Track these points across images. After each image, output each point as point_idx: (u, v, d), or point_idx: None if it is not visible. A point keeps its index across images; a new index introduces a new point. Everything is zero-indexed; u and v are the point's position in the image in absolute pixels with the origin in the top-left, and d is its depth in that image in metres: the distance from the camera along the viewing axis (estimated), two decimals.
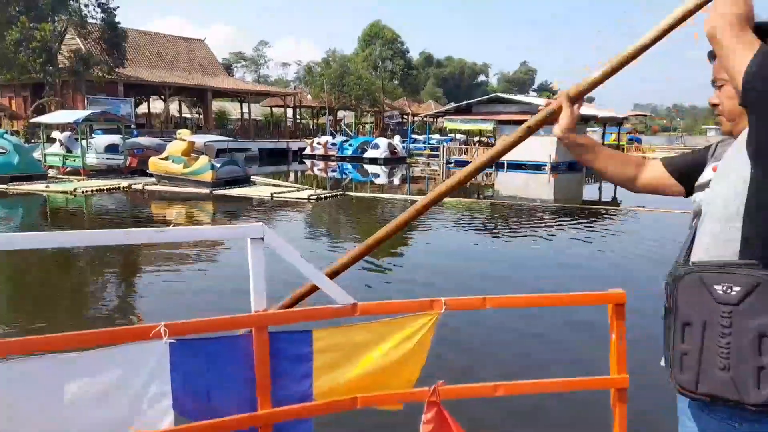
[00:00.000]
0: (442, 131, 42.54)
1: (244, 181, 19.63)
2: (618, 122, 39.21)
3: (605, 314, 1.99)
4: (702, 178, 1.57)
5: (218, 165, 18.92)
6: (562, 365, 4.70)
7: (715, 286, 1.30)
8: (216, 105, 52.15)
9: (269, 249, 1.70)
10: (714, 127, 78.63)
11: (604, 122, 38.14)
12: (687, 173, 1.64)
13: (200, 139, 20.69)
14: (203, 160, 18.74)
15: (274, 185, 19.94)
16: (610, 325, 2.00)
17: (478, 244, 11.38)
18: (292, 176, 28.28)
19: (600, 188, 24.28)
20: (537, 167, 29.67)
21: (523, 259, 9.88)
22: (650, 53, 1.55)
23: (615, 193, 19.92)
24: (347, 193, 18.85)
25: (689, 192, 1.63)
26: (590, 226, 13.10)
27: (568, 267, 8.72)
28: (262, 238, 1.68)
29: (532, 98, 37.64)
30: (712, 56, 1.49)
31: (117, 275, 8.50)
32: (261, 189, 18.68)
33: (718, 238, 1.36)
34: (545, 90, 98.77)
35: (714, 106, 1.54)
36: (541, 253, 10.46)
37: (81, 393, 1.52)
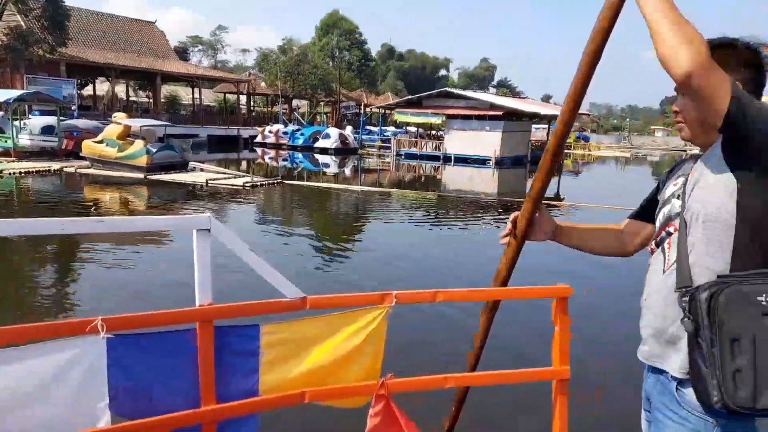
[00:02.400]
0: (398, 123, 42.59)
1: (182, 166, 19.16)
2: None
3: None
4: (664, 196, 1.62)
5: (154, 150, 18.37)
6: (511, 357, 4.76)
7: (758, 298, 1.27)
8: (167, 89, 50.32)
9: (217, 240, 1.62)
10: (661, 128, 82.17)
11: (549, 120, 39.09)
12: (654, 210, 1.68)
13: (136, 123, 19.91)
14: (138, 144, 18.15)
15: (213, 171, 19.51)
16: (553, 318, 2.02)
17: (425, 237, 11.44)
18: (244, 164, 27.67)
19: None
20: (482, 162, 30.15)
21: (472, 252, 10.01)
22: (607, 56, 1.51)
23: (558, 188, 20.48)
24: (284, 181, 18.62)
25: None
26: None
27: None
28: (209, 230, 1.59)
29: (481, 94, 38.12)
30: None
31: (50, 265, 8.00)
32: (197, 175, 18.25)
33: (712, 245, 1.39)
34: (504, 86, 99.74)
35: (676, 113, 1.55)
36: (488, 246, 10.63)
37: (11, 391, 1.40)
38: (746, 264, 1.36)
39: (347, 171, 26.55)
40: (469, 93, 36.82)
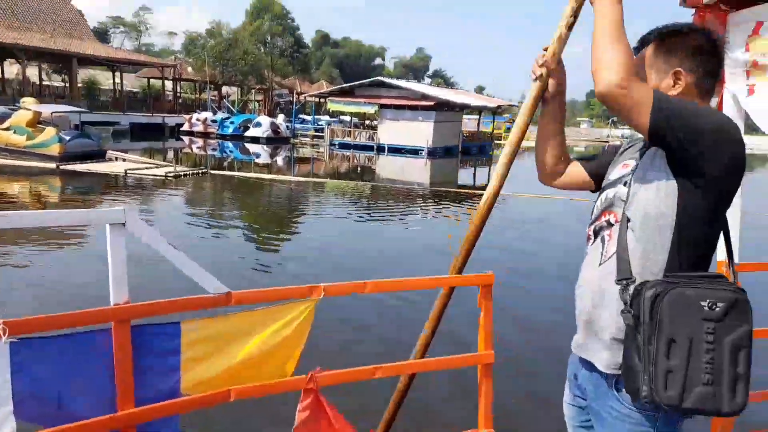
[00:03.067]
0: (332, 113, 42.03)
1: (99, 156, 18.15)
2: (492, 111, 41.08)
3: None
4: (611, 176, 1.63)
5: (67, 138, 17.30)
6: (440, 344, 4.85)
7: (701, 303, 1.30)
8: (85, 73, 47.23)
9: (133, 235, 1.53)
10: (587, 119, 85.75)
11: (480, 110, 39.92)
12: (601, 173, 1.70)
13: (47, 109, 18.64)
14: (49, 132, 17.03)
15: (133, 161, 18.63)
16: (478, 304, 2.07)
17: (359, 227, 11.45)
18: (171, 154, 26.54)
19: (474, 174, 25.51)
20: (414, 152, 30.46)
21: (404, 241, 10.11)
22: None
23: (488, 178, 20.99)
24: (210, 171, 18.07)
25: (598, 188, 1.71)
26: (462, 207, 13.75)
27: (442, 249, 9.08)
28: (124, 224, 1.50)
29: (413, 84, 38.41)
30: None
31: None
32: (115, 165, 17.39)
33: (651, 242, 1.42)
34: (439, 76, 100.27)
35: None
36: (420, 235, 10.79)
37: None
38: (683, 262, 1.40)
39: (279, 161, 26.06)
40: (402, 83, 37.00)
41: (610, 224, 1.53)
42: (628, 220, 1.45)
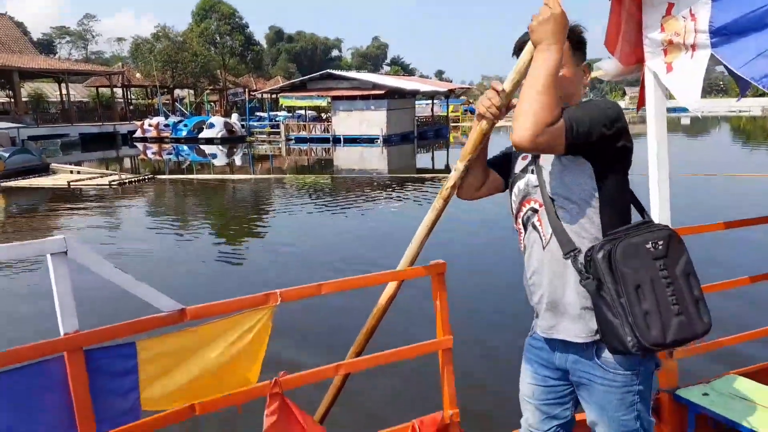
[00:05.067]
0: (290, 108, 41.10)
1: (42, 170, 17.69)
2: (445, 95, 41.18)
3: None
4: (516, 169, 1.70)
5: (6, 154, 16.84)
6: (399, 336, 4.81)
7: (646, 246, 1.41)
8: (31, 86, 45.08)
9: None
10: None
11: (432, 96, 40.00)
12: (507, 169, 1.76)
13: None
14: None
15: (75, 172, 18.11)
16: (433, 293, 2.09)
17: (323, 221, 11.36)
18: (127, 162, 25.70)
19: (432, 158, 25.60)
20: (370, 140, 30.39)
21: (366, 231, 10.08)
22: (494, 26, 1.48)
23: (447, 161, 21.13)
24: (156, 176, 17.65)
25: (506, 184, 1.76)
26: (425, 192, 13.83)
27: (400, 239, 9.11)
28: (66, 252, 1.45)
29: (363, 74, 38.19)
30: (517, 52, 1.57)
31: None
32: (57, 178, 16.92)
33: (582, 215, 1.51)
34: (396, 64, 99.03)
35: None
36: (377, 225, 10.80)
37: None
38: (612, 223, 1.50)
39: (237, 160, 25.57)
40: (351, 74, 36.74)
41: (535, 211, 1.59)
42: (553, 201, 1.53)
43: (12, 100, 37.89)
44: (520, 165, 1.68)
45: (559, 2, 1.40)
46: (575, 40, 1.57)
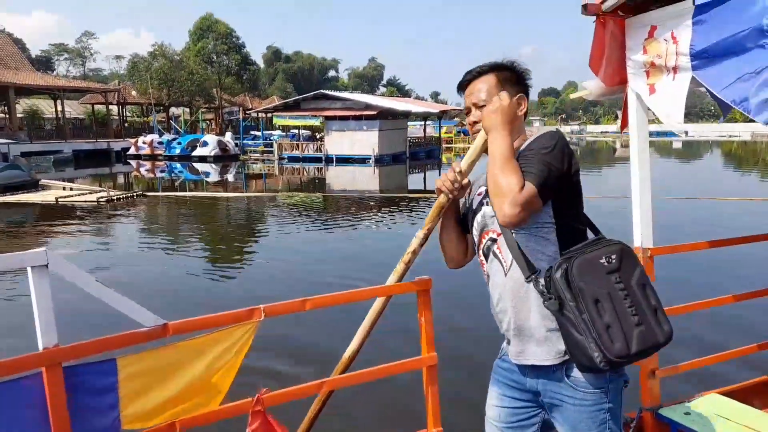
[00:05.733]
0: (284, 127, 41.07)
1: (31, 186, 17.63)
2: (438, 116, 41.48)
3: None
4: (473, 205, 1.73)
5: None
6: (386, 352, 4.78)
7: (601, 261, 1.44)
8: (27, 103, 44.98)
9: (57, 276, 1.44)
10: (538, 118, 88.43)
11: (424, 117, 40.26)
12: (465, 216, 1.80)
13: None
14: None
15: (63, 188, 18.05)
16: (418, 310, 2.07)
17: (314, 240, 11.30)
18: (121, 179, 25.57)
19: (424, 177, 25.69)
20: (362, 160, 30.47)
21: (359, 249, 10.04)
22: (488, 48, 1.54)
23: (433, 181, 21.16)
24: (145, 193, 17.56)
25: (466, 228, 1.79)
26: (415, 213, 13.83)
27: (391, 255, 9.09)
28: (47, 265, 1.42)
29: (356, 95, 38.40)
30: (461, 89, 1.72)
31: None
32: (45, 194, 16.86)
33: (539, 240, 1.54)
34: (392, 85, 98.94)
35: (473, 123, 1.68)
36: (371, 243, 10.78)
37: None
38: (568, 243, 1.52)
39: (229, 178, 25.50)
40: (345, 94, 36.99)
41: (494, 240, 1.62)
42: (506, 231, 1.57)
43: (7, 116, 37.77)
44: (476, 200, 1.72)
45: (507, 96, 1.56)
46: (501, 78, 1.64)
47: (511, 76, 1.65)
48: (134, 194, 16.86)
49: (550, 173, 1.47)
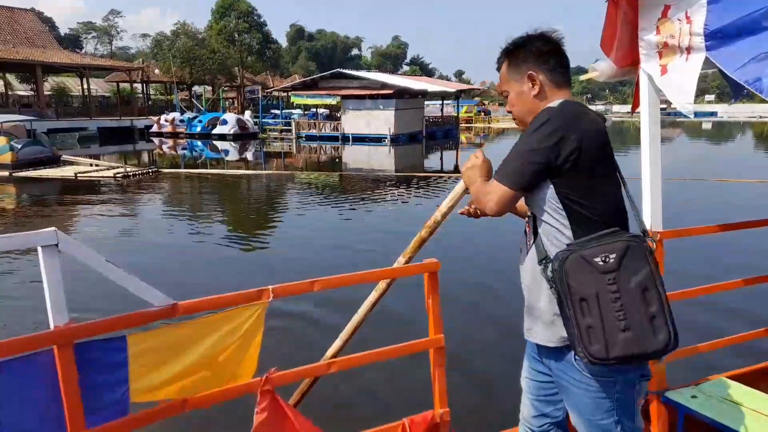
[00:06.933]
0: (305, 107, 40.73)
1: (53, 161, 18.03)
2: (455, 96, 40.83)
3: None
4: None
5: (19, 146, 17.17)
6: (391, 332, 4.73)
7: (595, 259, 1.37)
8: (54, 81, 45.38)
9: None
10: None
11: (443, 96, 39.57)
12: None
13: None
14: (0, 141, 16.93)
15: (83, 164, 18.32)
16: (426, 291, 2.05)
17: (331, 218, 11.29)
18: (144, 156, 25.79)
19: (441, 158, 25.39)
20: (378, 140, 30.21)
21: (373, 228, 10.01)
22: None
23: (457, 161, 20.87)
24: (160, 169, 17.72)
25: None
26: (432, 192, 13.75)
27: (407, 233, 9.05)
28: (56, 245, 1.42)
29: (372, 74, 37.92)
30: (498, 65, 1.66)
31: None
32: (66, 170, 17.19)
33: (554, 222, 1.48)
34: (416, 64, 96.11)
35: (510, 111, 1.67)
36: (386, 221, 10.75)
37: None
38: (584, 232, 1.44)
39: (248, 156, 25.52)
40: (362, 73, 36.55)
41: (529, 217, 1.62)
42: (533, 213, 1.57)
43: (35, 93, 38.19)
44: None
45: (482, 154, 1.61)
46: (512, 62, 1.60)
47: (519, 54, 1.58)
48: (150, 171, 17.06)
49: (524, 168, 1.45)
